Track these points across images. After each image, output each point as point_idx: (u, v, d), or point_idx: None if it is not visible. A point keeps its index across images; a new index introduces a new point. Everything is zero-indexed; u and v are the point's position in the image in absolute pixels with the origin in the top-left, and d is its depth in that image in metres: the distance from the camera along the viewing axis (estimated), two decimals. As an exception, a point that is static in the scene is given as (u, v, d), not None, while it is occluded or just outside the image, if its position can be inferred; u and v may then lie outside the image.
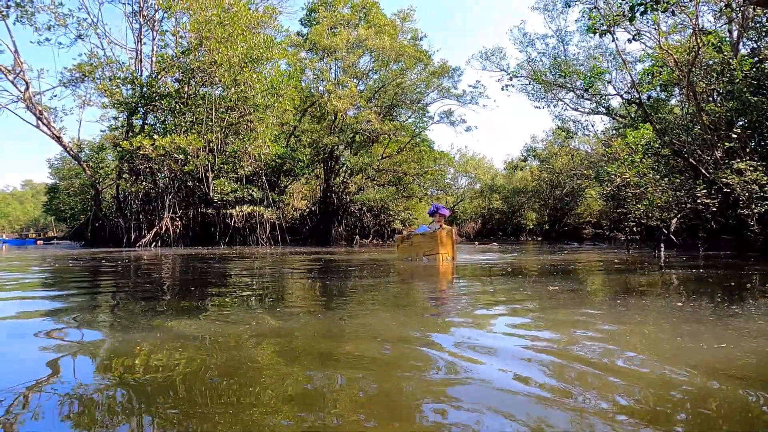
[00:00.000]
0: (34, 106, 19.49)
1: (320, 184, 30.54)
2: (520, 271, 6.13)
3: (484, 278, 5.21)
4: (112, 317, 3.01)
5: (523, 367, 1.85)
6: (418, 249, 8.27)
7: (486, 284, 4.65)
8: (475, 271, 6.24)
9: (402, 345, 2.22)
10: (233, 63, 18.40)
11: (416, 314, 3.08)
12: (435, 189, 42.17)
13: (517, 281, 4.94)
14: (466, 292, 4.18)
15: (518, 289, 4.22)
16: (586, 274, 5.92)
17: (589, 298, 3.79)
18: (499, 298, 3.73)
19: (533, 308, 3.26)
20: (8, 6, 17.90)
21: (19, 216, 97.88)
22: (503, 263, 8.08)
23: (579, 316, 2.93)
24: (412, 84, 27.74)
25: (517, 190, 46.38)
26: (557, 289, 4.09)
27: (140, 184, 19.53)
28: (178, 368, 1.88)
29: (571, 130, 26.74)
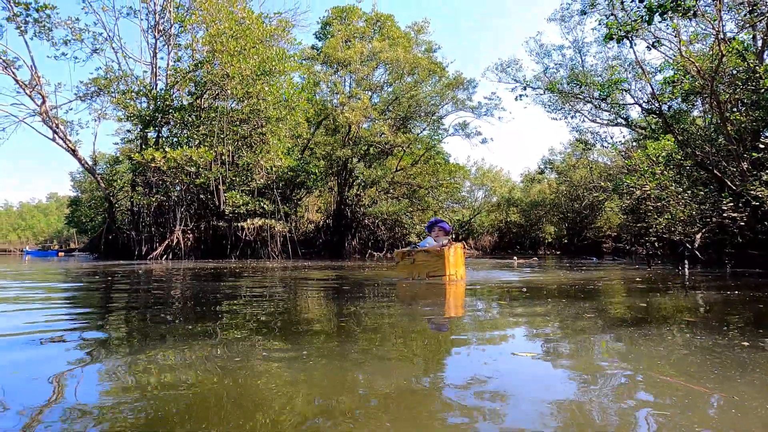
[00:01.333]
0: (50, 119, 19.73)
1: (334, 197, 30.39)
2: (538, 292, 5.45)
3: (502, 302, 4.65)
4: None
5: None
6: (421, 268, 7.03)
7: (504, 310, 4.18)
8: (491, 294, 5.43)
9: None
10: (245, 75, 18.40)
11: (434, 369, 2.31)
12: (451, 202, 41.81)
13: (537, 308, 4.22)
14: (483, 325, 3.78)
15: (543, 322, 3.54)
16: (614, 297, 5.18)
17: (637, 338, 2.84)
18: (519, 331, 3.31)
19: (575, 365, 2.28)
20: (26, 22, 18.21)
21: (43, 228, 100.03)
22: (519, 282, 7.21)
23: (630, 370, 2.12)
24: (426, 96, 27.51)
25: (535, 203, 45.63)
26: (590, 325, 3.28)
27: (152, 197, 19.53)
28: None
29: (590, 142, 26.15)
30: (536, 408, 1.62)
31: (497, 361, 2.25)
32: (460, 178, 37.79)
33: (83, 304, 4.72)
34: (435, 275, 6.79)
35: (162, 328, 3.16)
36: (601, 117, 25.89)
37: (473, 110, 28.77)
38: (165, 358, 2.31)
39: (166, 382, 1.93)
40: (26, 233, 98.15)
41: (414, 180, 30.89)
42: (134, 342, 2.72)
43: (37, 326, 3.21)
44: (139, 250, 19.77)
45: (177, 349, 2.51)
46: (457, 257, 7.12)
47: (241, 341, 2.68)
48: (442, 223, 7.43)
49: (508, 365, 2.20)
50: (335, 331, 3.07)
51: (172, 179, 19.17)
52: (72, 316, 3.79)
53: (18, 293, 5.61)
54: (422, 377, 2.01)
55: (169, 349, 2.48)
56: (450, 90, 27.68)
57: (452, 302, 4.74)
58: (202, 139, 20.01)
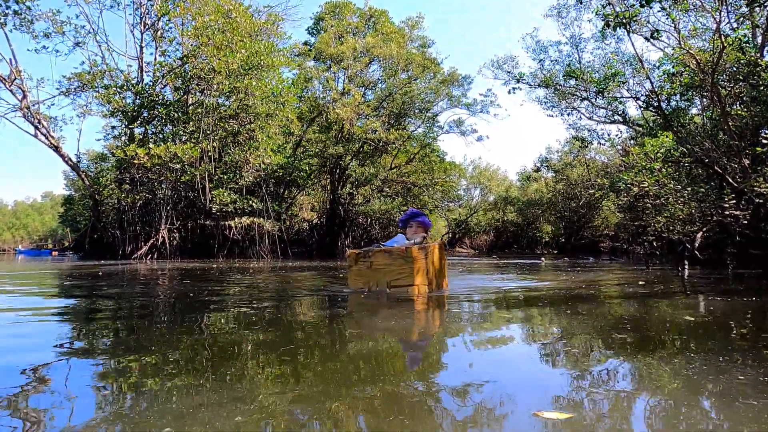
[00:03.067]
0: (32, 115, 19.16)
1: (327, 195, 29.88)
2: (537, 299, 4.80)
3: (498, 313, 4.01)
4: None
5: None
6: (380, 275, 5.00)
7: (499, 323, 3.69)
8: (485, 304, 4.43)
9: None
10: (232, 70, 17.87)
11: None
12: (447, 200, 41.34)
13: (536, 320, 3.56)
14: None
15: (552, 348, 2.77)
16: (625, 304, 4.43)
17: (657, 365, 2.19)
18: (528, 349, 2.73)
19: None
20: (5, 14, 17.64)
21: (38, 227, 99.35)
22: (516, 287, 6.10)
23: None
24: (421, 92, 27.00)
25: (532, 202, 45.17)
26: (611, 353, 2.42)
27: (137, 194, 18.98)
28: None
29: (587, 140, 25.67)
30: None
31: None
32: (456, 176, 37.32)
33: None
34: (399, 285, 4.86)
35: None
36: (597, 114, 25.42)
37: (468, 107, 28.29)
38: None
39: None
40: (20, 232, 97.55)
41: (408, 178, 30.39)
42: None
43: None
44: (123, 249, 19.23)
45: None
46: (434, 261, 5.24)
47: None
48: (422, 217, 5.56)
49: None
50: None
51: (157, 176, 18.63)
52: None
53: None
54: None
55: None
56: (445, 86, 27.18)
57: (420, 323, 3.47)
58: (189, 135, 19.47)
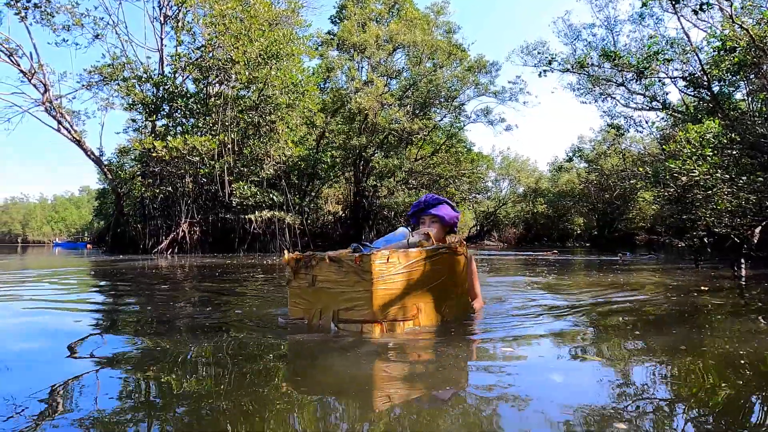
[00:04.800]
0: (54, 109, 19.13)
1: (351, 187, 29.32)
2: (568, 311, 3.64)
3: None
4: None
5: None
6: (324, 299, 2.78)
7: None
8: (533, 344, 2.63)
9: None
10: (251, 59, 17.37)
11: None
12: (474, 193, 40.31)
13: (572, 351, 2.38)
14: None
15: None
16: (719, 330, 2.97)
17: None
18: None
19: None
20: (26, 7, 17.55)
21: (75, 220, 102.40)
22: (565, 305, 4.10)
23: None
24: (446, 80, 26.03)
25: (563, 194, 43.62)
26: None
27: (156, 188, 18.76)
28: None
29: (622, 127, 24.28)
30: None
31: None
32: (483, 167, 36.25)
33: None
34: (350, 319, 2.70)
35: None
36: (634, 100, 24.00)
37: (496, 95, 27.17)
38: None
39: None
40: (59, 225, 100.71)
41: (434, 170, 29.53)
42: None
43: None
44: (145, 243, 19.10)
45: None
46: (446, 278, 3.00)
47: None
48: (440, 207, 3.33)
49: None
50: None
51: (177, 170, 18.36)
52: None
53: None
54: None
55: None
56: (471, 74, 26.13)
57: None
58: (209, 127, 19.13)
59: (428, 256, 2.81)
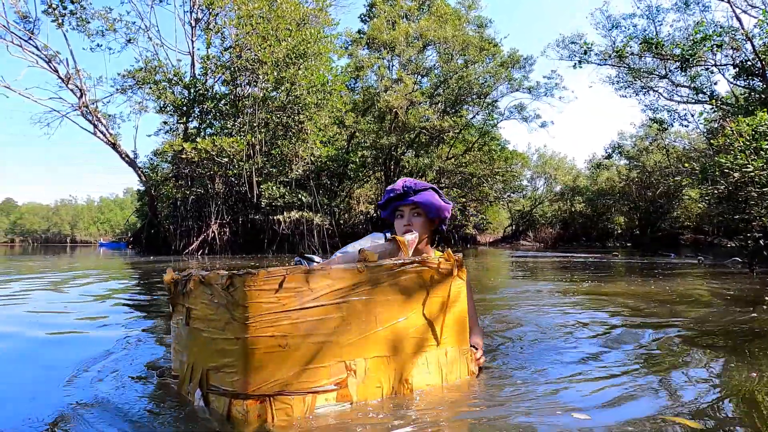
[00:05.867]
0: (91, 113, 19.56)
1: (381, 187, 29.00)
2: (606, 337, 2.92)
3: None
4: None
5: None
6: (196, 347, 1.69)
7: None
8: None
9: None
10: (279, 59, 17.28)
11: None
12: (509, 192, 39.41)
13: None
14: None
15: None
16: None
17: None
18: None
19: None
20: (63, 14, 17.98)
21: (119, 221, 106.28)
22: (579, 310, 3.97)
23: None
24: (478, 76, 25.34)
25: (603, 192, 42.00)
26: None
27: (187, 189, 18.94)
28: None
29: (666, 121, 23.02)
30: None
31: None
32: (518, 165, 35.29)
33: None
34: (219, 387, 1.59)
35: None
36: (679, 93, 22.72)
37: (530, 90, 26.32)
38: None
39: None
40: (104, 226, 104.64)
41: (466, 168, 28.86)
42: None
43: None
44: (176, 244, 19.31)
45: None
46: (406, 309, 1.79)
47: None
48: (427, 193, 2.17)
49: None
50: None
51: (206, 171, 18.46)
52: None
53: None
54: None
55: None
56: (504, 69, 25.35)
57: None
58: (238, 129, 19.17)
59: (377, 278, 1.71)
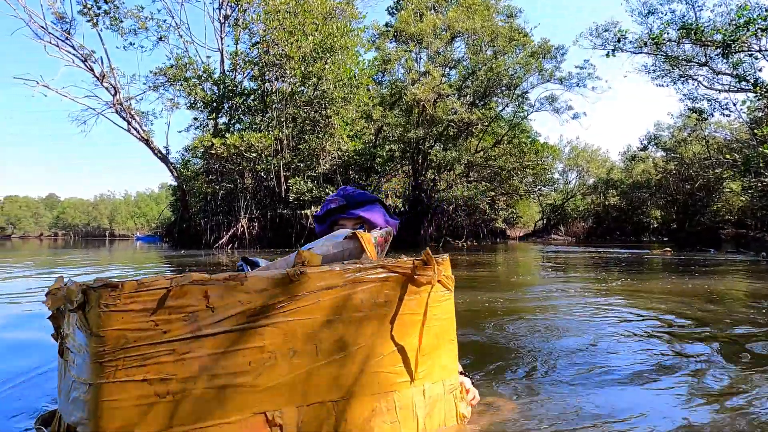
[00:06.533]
0: (124, 110, 20.08)
1: (409, 181, 28.87)
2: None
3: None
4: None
5: None
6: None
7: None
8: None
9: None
10: (306, 54, 17.33)
11: None
12: (540, 185, 38.73)
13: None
14: None
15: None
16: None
17: None
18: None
19: None
20: (97, 14, 18.46)
21: (155, 215, 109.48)
22: (620, 314, 3.65)
23: None
24: (508, 68, 24.85)
25: (638, 185, 40.76)
26: None
27: (217, 184, 19.27)
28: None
29: (706, 111, 22.09)
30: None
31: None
32: (549, 158, 34.54)
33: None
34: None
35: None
36: (720, 81, 21.76)
37: (562, 81, 25.66)
38: None
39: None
40: (141, 220, 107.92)
41: (496, 162, 28.41)
42: None
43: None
44: (207, 238, 19.70)
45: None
46: (363, 336, 1.27)
47: None
48: (374, 207, 1.84)
49: None
50: None
51: (235, 166, 18.73)
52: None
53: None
54: None
55: None
56: (535, 59, 24.77)
57: None
58: (267, 124, 19.36)
59: (321, 289, 1.21)
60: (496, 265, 10.17)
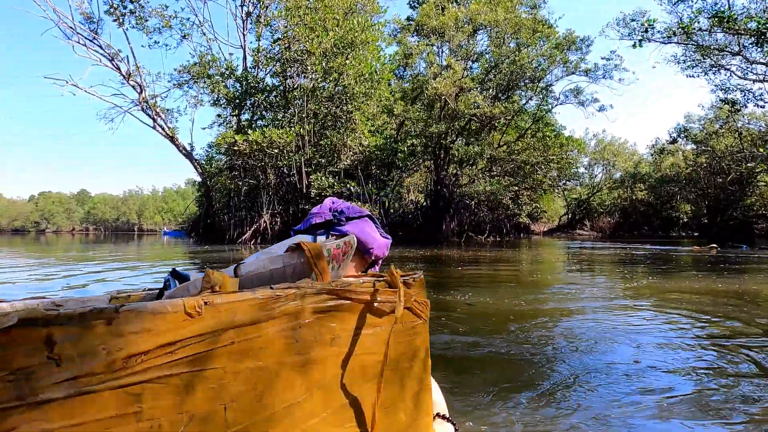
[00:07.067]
0: (150, 108, 20.44)
1: (431, 176, 28.68)
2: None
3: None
4: None
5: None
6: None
7: None
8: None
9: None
10: (326, 49, 17.33)
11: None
12: (564, 179, 38.08)
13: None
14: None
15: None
16: None
17: None
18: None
19: None
20: (123, 14, 18.80)
21: (181, 210, 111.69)
22: (657, 321, 3.38)
23: None
24: (531, 60, 24.42)
25: (667, 179, 39.72)
26: None
27: (240, 180, 19.48)
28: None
29: (738, 102, 21.34)
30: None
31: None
32: (574, 152, 33.91)
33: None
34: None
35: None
36: (754, 70, 20.97)
37: (587, 73, 25.12)
38: None
39: None
40: (167, 215, 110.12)
41: (519, 156, 28.01)
42: None
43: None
44: (230, 233, 19.96)
45: None
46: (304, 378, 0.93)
47: None
48: (364, 222, 1.49)
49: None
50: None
51: (258, 162, 18.89)
52: None
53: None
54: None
55: None
56: (559, 51, 24.28)
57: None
58: (289, 120, 19.47)
59: (236, 325, 0.84)
60: (520, 261, 10.03)
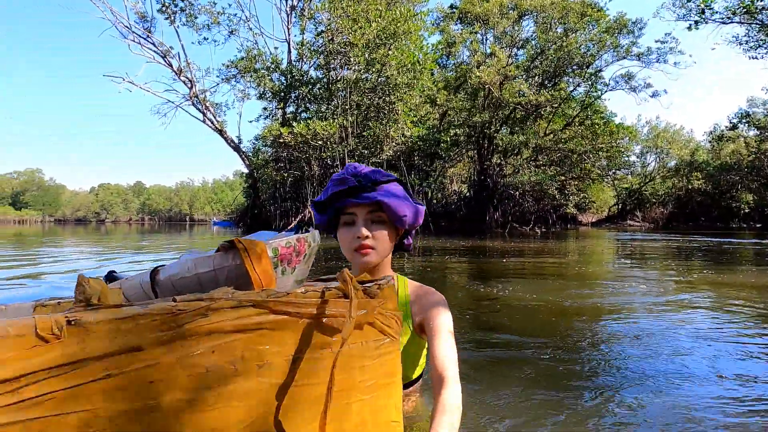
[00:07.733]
0: (200, 102, 21.18)
1: (474, 166, 28.36)
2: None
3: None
4: None
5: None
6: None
7: None
8: None
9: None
10: (369, 40, 17.40)
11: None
12: (614, 168, 36.76)
13: None
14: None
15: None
16: None
17: None
18: None
19: None
20: (174, 12, 19.50)
21: (229, 201, 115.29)
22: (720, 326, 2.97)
23: None
24: (580, 45, 23.61)
25: (727, 167, 37.63)
26: None
27: (285, 172, 19.94)
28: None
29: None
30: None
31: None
32: (626, 140, 32.61)
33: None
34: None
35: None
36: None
37: (640, 57, 24.03)
38: None
39: None
40: (217, 206, 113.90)
41: (566, 145, 27.22)
42: None
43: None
44: (276, 224, 20.51)
45: None
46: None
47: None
48: (392, 187, 1.30)
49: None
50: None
51: (302, 154, 19.27)
52: None
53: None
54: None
55: None
56: (609, 36, 23.35)
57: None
58: (332, 111, 19.72)
59: (119, 350, 0.60)
60: (566, 253, 9.81)
